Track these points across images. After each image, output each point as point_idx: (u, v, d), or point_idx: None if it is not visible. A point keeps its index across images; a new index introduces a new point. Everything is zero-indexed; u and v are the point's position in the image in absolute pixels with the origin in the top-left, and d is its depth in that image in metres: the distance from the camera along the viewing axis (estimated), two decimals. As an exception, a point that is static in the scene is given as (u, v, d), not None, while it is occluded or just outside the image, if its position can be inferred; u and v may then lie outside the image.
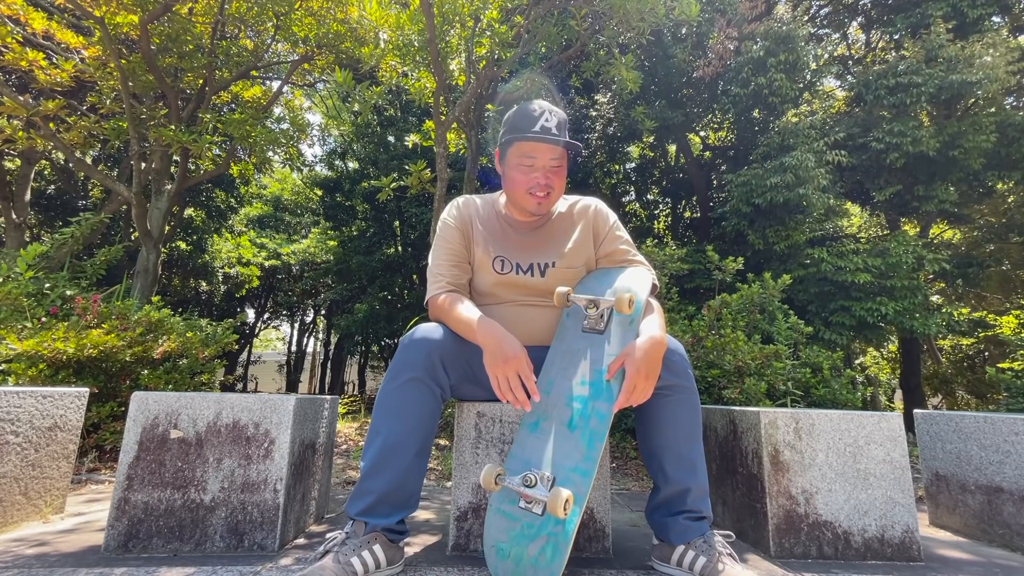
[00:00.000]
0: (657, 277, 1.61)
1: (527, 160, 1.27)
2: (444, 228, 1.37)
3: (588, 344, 1.20)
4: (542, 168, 1.27)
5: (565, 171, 1.32)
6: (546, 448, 1.10)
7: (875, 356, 13.27)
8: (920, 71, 6.34)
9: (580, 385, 1.15)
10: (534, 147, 1.26)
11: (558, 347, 1.24)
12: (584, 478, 1.03)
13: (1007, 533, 1.50)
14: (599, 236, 1.39)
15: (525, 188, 1.28)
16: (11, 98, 4.51)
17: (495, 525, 1.08)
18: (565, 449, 1.08)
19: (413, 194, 4.78)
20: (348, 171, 11.49)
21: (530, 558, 1.01)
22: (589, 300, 1.21)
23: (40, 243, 4.38)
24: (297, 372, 16.39)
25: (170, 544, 1.21)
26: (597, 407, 1.10)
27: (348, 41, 5.24)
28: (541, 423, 1.14)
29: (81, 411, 1.65)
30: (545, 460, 1.08)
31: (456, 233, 1.35)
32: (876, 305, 5.89)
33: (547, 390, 1.17)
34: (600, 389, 1.12)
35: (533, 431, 1.14)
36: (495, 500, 1.11)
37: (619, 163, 10.25)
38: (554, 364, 1.21)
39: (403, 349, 1.16)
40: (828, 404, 3.00)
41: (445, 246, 1.35)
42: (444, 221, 1.38)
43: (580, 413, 1.11)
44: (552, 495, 0.98)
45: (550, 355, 1.24)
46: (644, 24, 3.91)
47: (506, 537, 1.05)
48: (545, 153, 1.26)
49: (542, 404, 1.15)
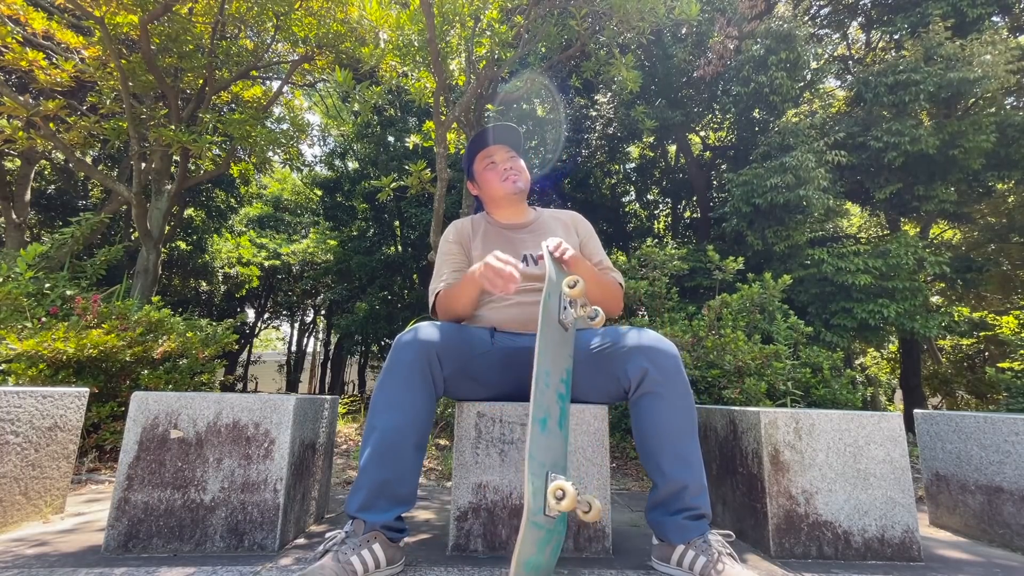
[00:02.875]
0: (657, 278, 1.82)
1: (489, 160, 1.54)
2: (444, 245, 1.56)
3: (560, 338, 1.20)
4: (502, 161, 1.54)
5: (521, 163, 1.58)
6: (553, 448, 1.10)
7: (875, 356, 13.27)
8: (919, 69, 6.35)
9: (561, 382, 1.16)
10: (490, 149, 1.56)
11: (546, 330, 1.13)
12: (565, 474, 1.08)
13: (1007, 533, 1.50)
14: (580, 234, 1.60)
15: (498, 179, 1.52)
16: (11, 98, 4.51)
17: (530, 539, 0.97)
18: (558, 448, 1.09)
19: (413, 194, 4.78)
20: (348, 171, 11.50)
21: (545, 560, 1.03)
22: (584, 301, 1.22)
23: (40, 243, 4.38)
24: (297, 372, 16.39)
25: (170, 544, 1.21)
26: (567, 407, 1.16)
27: (348, 41, 5.24)
28: (547, 421, 1.09)
29: (81, 411, 1.65)
30: (552, 461, 1.08)
31: (455, 247, 1.54)
32: (878, 307, 5.89)
33: (547, 382, 1.11)
34: (569, 389, 1.18)
35: (543, 429, 1.07)
36: (532, 512, 0.97)
37: (619, 163, 10.27)
38: (547, 355, 1.12)
39: (398, 346, 1.18)
40: (828, 404, 3.00)
41: (446, 258, 1.53)
42: (444, 240, 1.58)
43: (563, 411, 1.14)
44: (593, 505, 0.99)
45: (543, 340, 1.13)
46: (644, 24, 3.91)
47: (535, 549, 0.99)
48: (500, 151, 1.55)
49: (545, 400, 1.09)
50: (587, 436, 1.33)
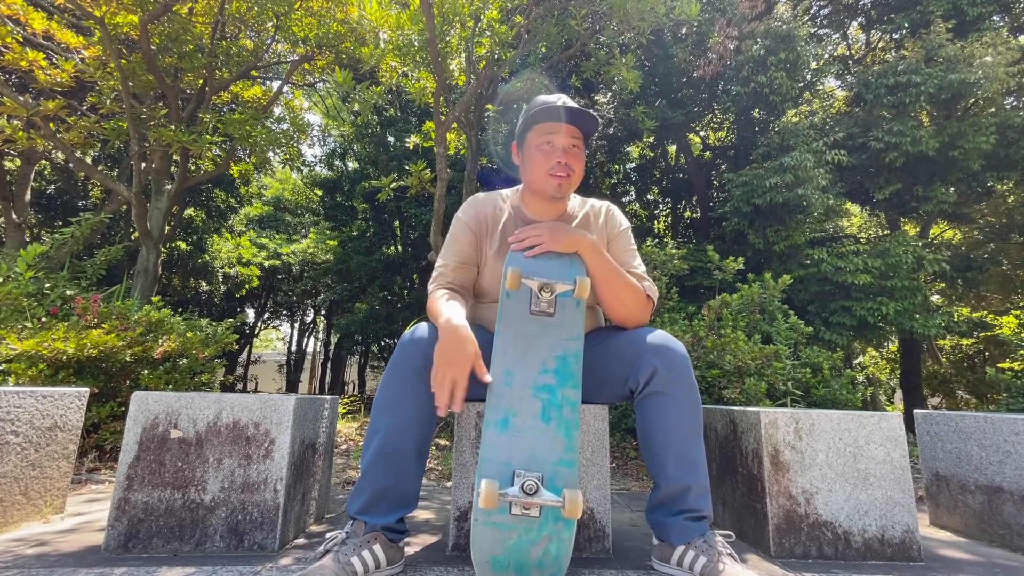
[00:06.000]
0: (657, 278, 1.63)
1: (547, 140, 1.28)
2: (457, 225, 1.37)
3: (541, 329, 1.15)
4: (561, 148, 1.28)
5: (583, 156, 1.33)
6: (524, 446, 1.05)
7: (875, 356, 13.27)
8: (919, 70, 6.35)
9: (543, 374, 1.11)
10: (555, 126, 1.28)
11: (507, 332, 1.15)
12: (571, 469, 1.03)
13: (1007, 533, 1.50)
14: (609, 236, 1.40)
15: (545, 169, 1.28)
16: (11, 98, 4.51)
17: (486, 539, 1.00)
18: (545, 443, 1.05)
19: (413, 194, 4.78)
20: (348, 171, 11.50)
21: (533, 561, 1.00)
22: (542, 283, 1.17)
23: (40, 243, 4.38)
24: (297, 372, 16.39)
25: (170, 544, 1.21)
26: (567, 395, 1.09)
27: (348, 41, 5.24)
28: (511, 419, 1.07)
29: (81, 411, 1.65)
30: (527, 458, 1.04)
31: (468, 233, 1.35)
32: (876, 306, 5.89)
33: (507, 382, 1.09)
34: (566, 376, 1.10)
35: (504, 429, 1.06)
36: (480, 513, 1.02)
37: (619, 163, 10.26)
38: (508, 351, 1.12)
39: (401, 348, 1.17)
40: (828, 404, 3.00)
41: (455, 245, 1.35)
42: (459, 218, 1.37)
43: (550, 403, 1.08)
44: (569, 499, 0.97)
45: (499, 341, 1.14)
46: (644, 24, 3.91)
47: (502, 549, 1.00)
48: (565, 132, 1.28)
49: (507, 398, 1.08)
50: (587, 436, 1.33)
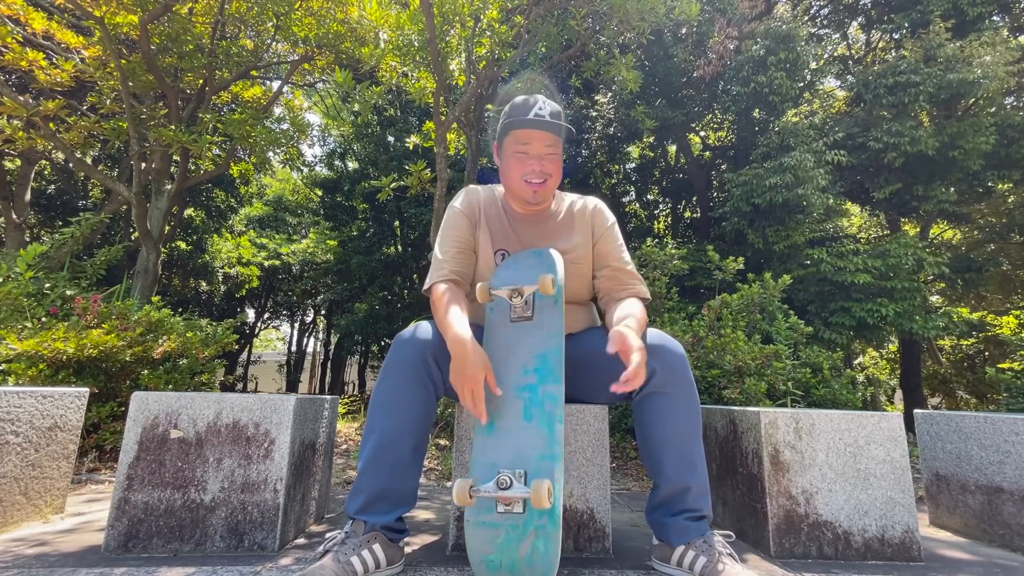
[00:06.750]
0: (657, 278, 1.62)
1: (521, 147, 1.28)
2: (452, 214, 1.37)
3: (520, 334, 1.18)
4: (536, 156, 1.28)
5: (560, 160, 1.32)
6: (508, 445, 1.07)
7: (875, 356, 13.27)
8: (919, 70, 6.35)
9: (524, 375, 1.13)
10: (528, 134, 1.27)
11: (490, 343, 1.21)
12: (554, 462, 1.03)
13: (1007, 533, 1.50)
14: (596, 233, 1.39)
15: (520, 175, 1.28)
16: (11, 98, 4.51)
17: (478, 538, 1.04)
18: (528, 440, 1.06)
19: (413, 194, 4.78)
20: (348, 171, 11.50)
21: (524, 558, 1.00)
22: (511, 290, 1.18)
23: (40, 243, 4.38)
24: (297, 372, 16.38)
25: (170, 544, 1.21)
26: (548, 391, 1.10)
27: (348, 41, 5.23)
28: (496, 423, 1.11)
29: (81, 411, 1.65)
30: (511, 457, 1.06)
31: (464, 219, 1.35)
32: (876, 306, 5.89)
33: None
34: (546, 373, 1.12)
35: (490, 432, 1.11)
36: (471, 513, 1.06)
37: (619, 163, 10.26)
38: (492, 362, 1.15)
39: (396, 347, 1.17)
40: (828, 404, 3.00)
41: (452, 232, 1.34)
42: (452, 207, 1.38)
43: (531, 401, 1.10)
44: (533, 488, 0.96)
45: (486, 352, 1.17)
46: (644, 24, 3.91)
47: (493, 548, 1.02)
48: (539, 140, 1.27)
49: (491, 404, 1.12)
50: (587, 436, 1.33)
